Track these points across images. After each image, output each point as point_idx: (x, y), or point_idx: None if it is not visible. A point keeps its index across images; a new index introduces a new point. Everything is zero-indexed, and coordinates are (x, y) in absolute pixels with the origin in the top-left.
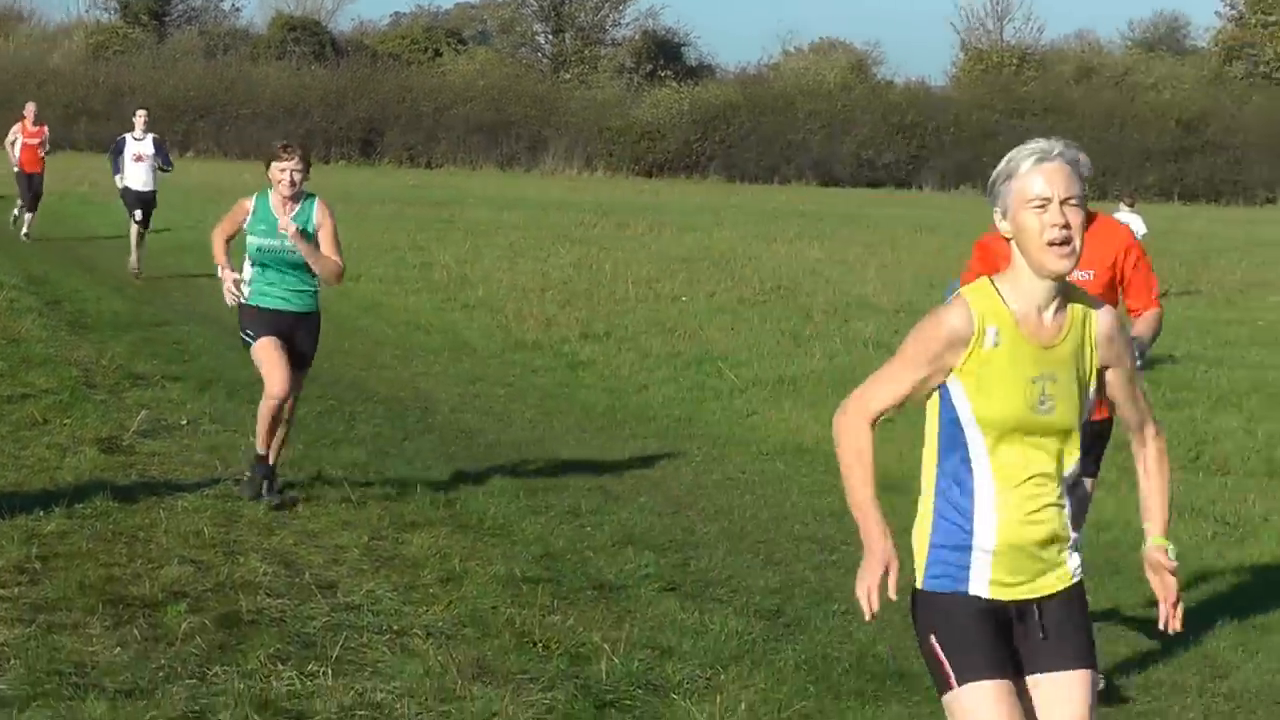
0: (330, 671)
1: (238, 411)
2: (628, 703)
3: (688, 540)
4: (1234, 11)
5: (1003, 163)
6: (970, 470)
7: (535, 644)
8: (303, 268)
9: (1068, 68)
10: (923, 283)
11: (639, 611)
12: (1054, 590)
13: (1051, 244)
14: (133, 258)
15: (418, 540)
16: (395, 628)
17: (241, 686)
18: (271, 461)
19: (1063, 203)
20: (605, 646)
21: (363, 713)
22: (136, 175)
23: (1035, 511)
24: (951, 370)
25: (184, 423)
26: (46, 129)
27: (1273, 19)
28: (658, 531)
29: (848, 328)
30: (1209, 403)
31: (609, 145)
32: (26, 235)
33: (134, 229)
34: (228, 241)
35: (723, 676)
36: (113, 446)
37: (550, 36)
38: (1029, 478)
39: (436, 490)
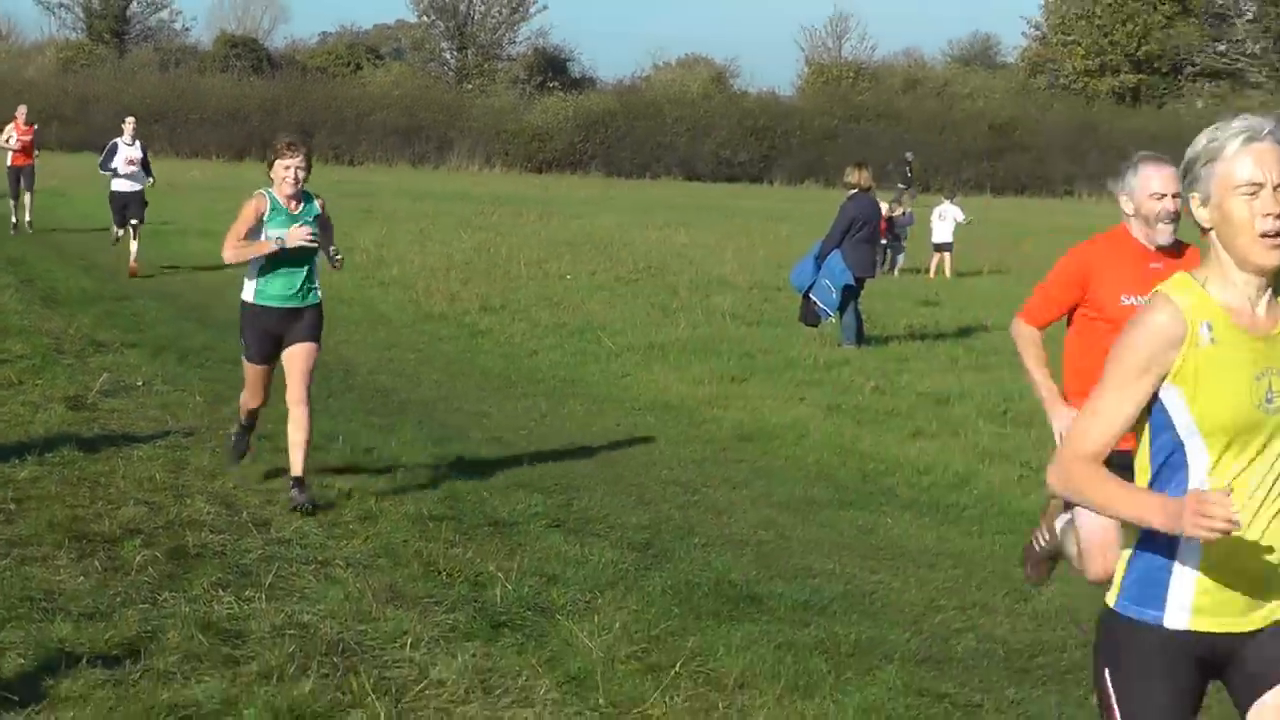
0: (264, 597)
1: (186, 375)
2: (519, 622)
3: (571, 483)
4: (1038, 32)
5: (1201, 142)
6: (1187, 487)
7: (440, 572)
8: (310, 262)
9: (896, 80)
10: (773, 264)
11: (529, 544)
12: (1265, 624)
13: (1264, 235)
14: (132, 251)
15: (340, 484)
16: (320, 559)
17: (188, 610)
18: (299, 473)
19: (1276, 188)
20: (500, 575)
21: (292, 632)
22: (125, 179)
23: (1260, 532)
24: (1166, 375)
25: (140, 384)
26: (36, 127)
27: (1071, 38)
28: (545, 476)
29: (708, 302)
30: (1015, 365)
31: (505, 146)
32: (15, 227)
33: (115, 231)
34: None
35: (600, 600)
36: (78, 404)
37: (455, 53)
38: (1256, 492)
39: (356, 441)
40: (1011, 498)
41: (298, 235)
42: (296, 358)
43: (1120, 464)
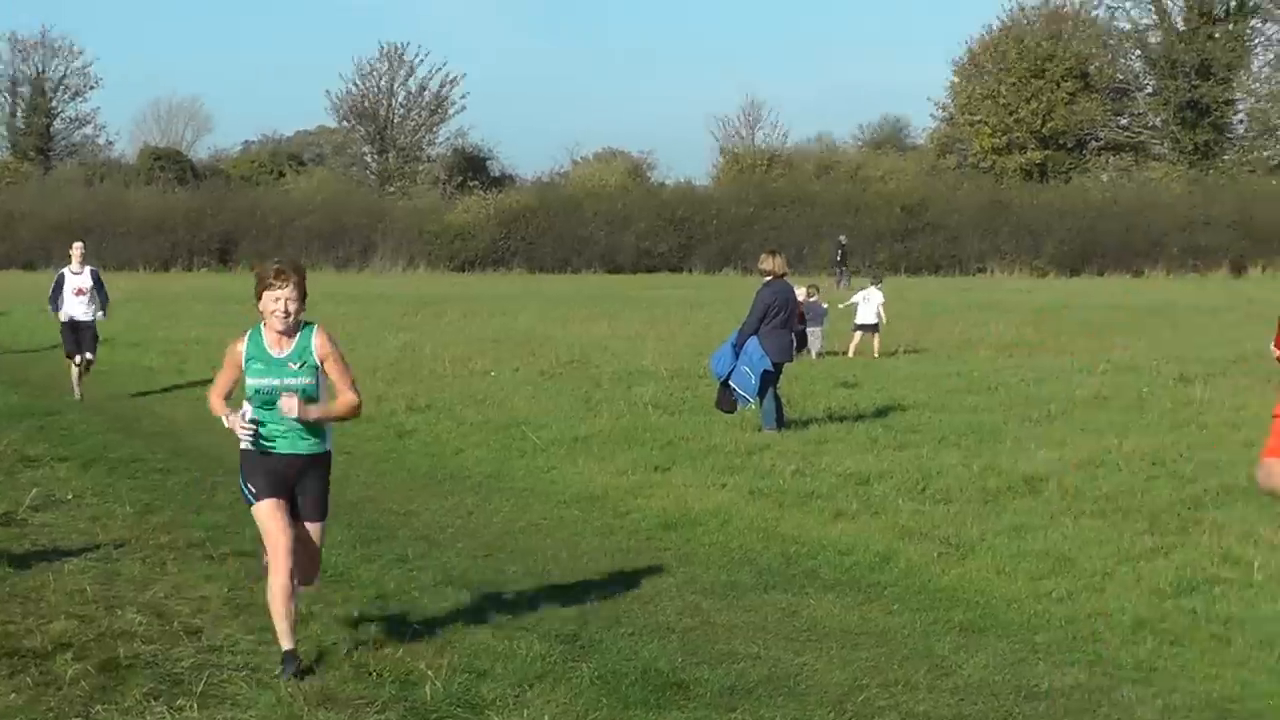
0: (196, 705)
1: (116, 486)
2: None
3: (498, 578)
4: (945, 113)
5: None
6: None
7: (371, 673)
8: (310, 400)
9: (810, 165)
10: (694, 351)
11: (458, 641)
12: None
13: None
14: (75, 391)
15: None
16: (252, 665)
17: None
18: (290, 647)
19: None
20: (429, 673)
21: None
22: (77, 307)
23: None
24: None
25: (70, 497)
26: None
27: (977, 118)
28: (473, 572)
29: (631, 393)
30: (933, 442)
31: (428, 246)
32: None
33: (74, 370)
34: (226, 396)
35: (530, 693)
36: (8, 520)
37: (376, 156)
38: None
39: None
40: (931, 575)
41: (238, 427)
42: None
43: None
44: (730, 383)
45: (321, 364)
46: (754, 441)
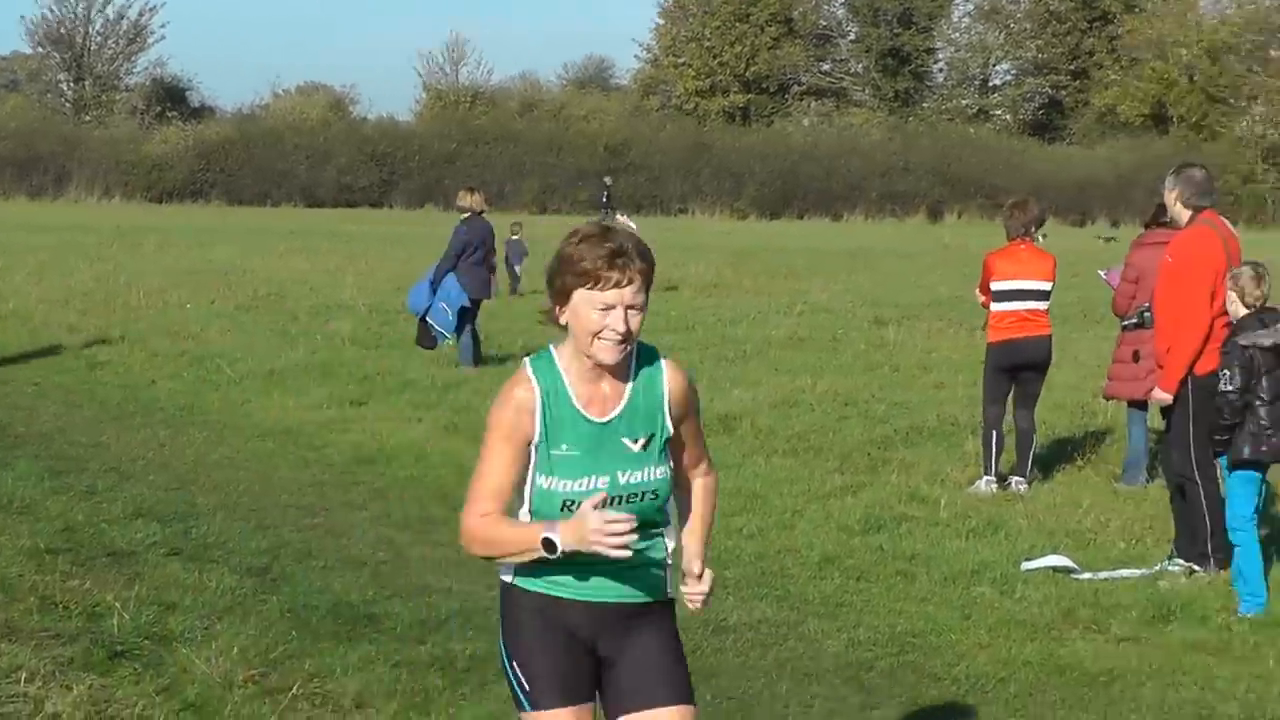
0: None
1: None
2: (137, 652)
3: (190, 511)
4: (650, 55)
5: None
6: None
7: (56, 605)
8: (652, 513)
9: (514, 103)
10: (393, 286)
11: (147, 574)
12: None
13: None
14: None
15: None
16: None
17: None
18: None
19: None
20: (117, 605)
21: None
22: None
23: None
24: None
25: None
26: None
27: (682, 60)
28: (164, 505)
29: (328, 327)
30: None
31: (125, 176)
32: None
33: None
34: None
35: (219, 626)
36: None
37: (72, 84)
38: None
39: None
40: None
41: (604, 538)
42: None
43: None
44: (428, 319)
45: (676, 428)
46: (450, 377)
